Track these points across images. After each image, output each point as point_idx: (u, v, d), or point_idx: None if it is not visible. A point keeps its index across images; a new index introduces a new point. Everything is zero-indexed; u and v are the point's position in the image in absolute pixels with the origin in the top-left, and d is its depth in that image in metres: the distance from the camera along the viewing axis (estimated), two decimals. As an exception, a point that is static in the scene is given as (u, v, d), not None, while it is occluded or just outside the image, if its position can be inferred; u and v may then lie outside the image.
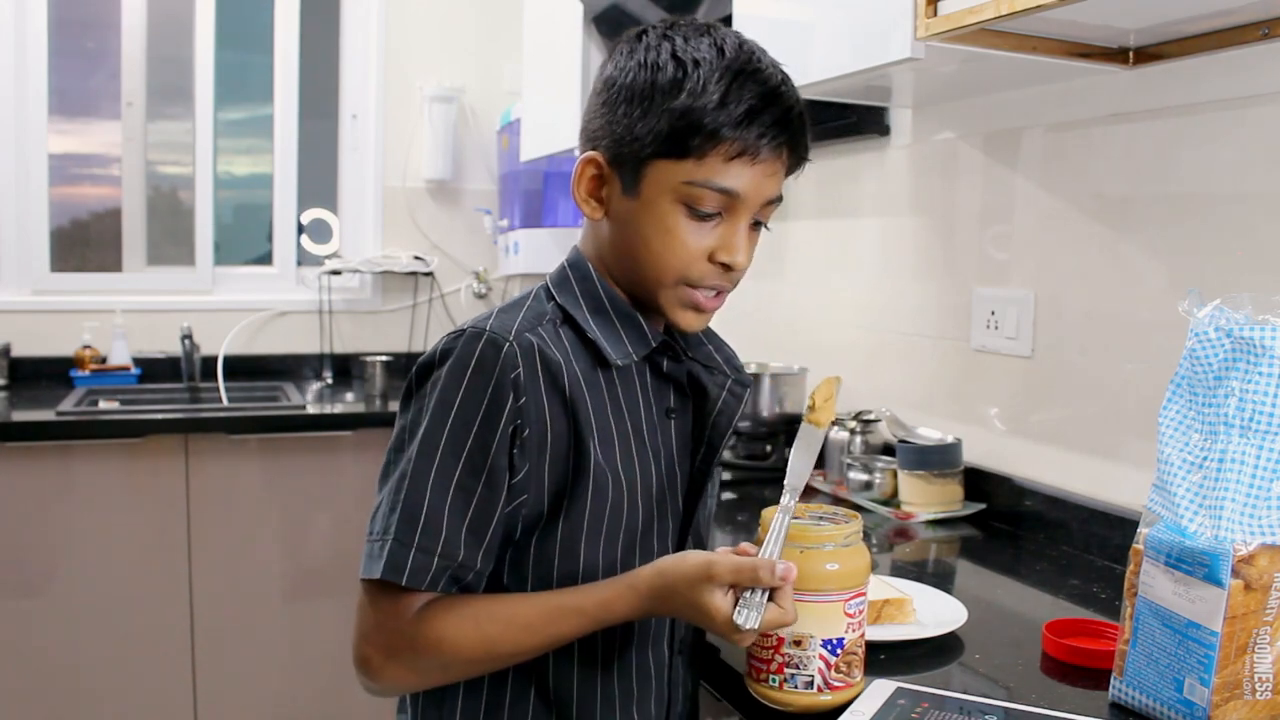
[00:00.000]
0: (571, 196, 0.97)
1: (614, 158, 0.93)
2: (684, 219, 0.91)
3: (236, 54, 3.29)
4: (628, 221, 0.94)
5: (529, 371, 0.88)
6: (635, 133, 0.90)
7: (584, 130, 0.97)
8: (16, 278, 3.02)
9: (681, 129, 0.89)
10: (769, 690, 0.92)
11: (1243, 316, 0.88)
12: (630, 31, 0.96)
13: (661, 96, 0.89)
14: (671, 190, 0.91)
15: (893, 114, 1.98)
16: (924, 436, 1.80)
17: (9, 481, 2.39)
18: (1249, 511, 0.85)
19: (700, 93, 0.88)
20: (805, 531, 0.91)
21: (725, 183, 0.90)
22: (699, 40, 0.91)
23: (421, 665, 0.88)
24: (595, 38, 2.39)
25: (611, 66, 0.95)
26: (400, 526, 0.87)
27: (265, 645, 2.60)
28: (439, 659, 0.87)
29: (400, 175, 3.33)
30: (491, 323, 0.90)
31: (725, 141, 0.89)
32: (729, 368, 1.05)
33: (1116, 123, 1.51)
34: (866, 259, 2.07)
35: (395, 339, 3.35)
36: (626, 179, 0.93)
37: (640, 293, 0.97)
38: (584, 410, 0.91)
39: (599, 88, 0.95)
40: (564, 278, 0.99)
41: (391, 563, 0.86)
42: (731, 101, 0.88)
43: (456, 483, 0.87)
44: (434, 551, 0.86)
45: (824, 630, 0.90)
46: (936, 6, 1.31)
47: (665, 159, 0.90)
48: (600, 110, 0.94)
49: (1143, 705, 0.92)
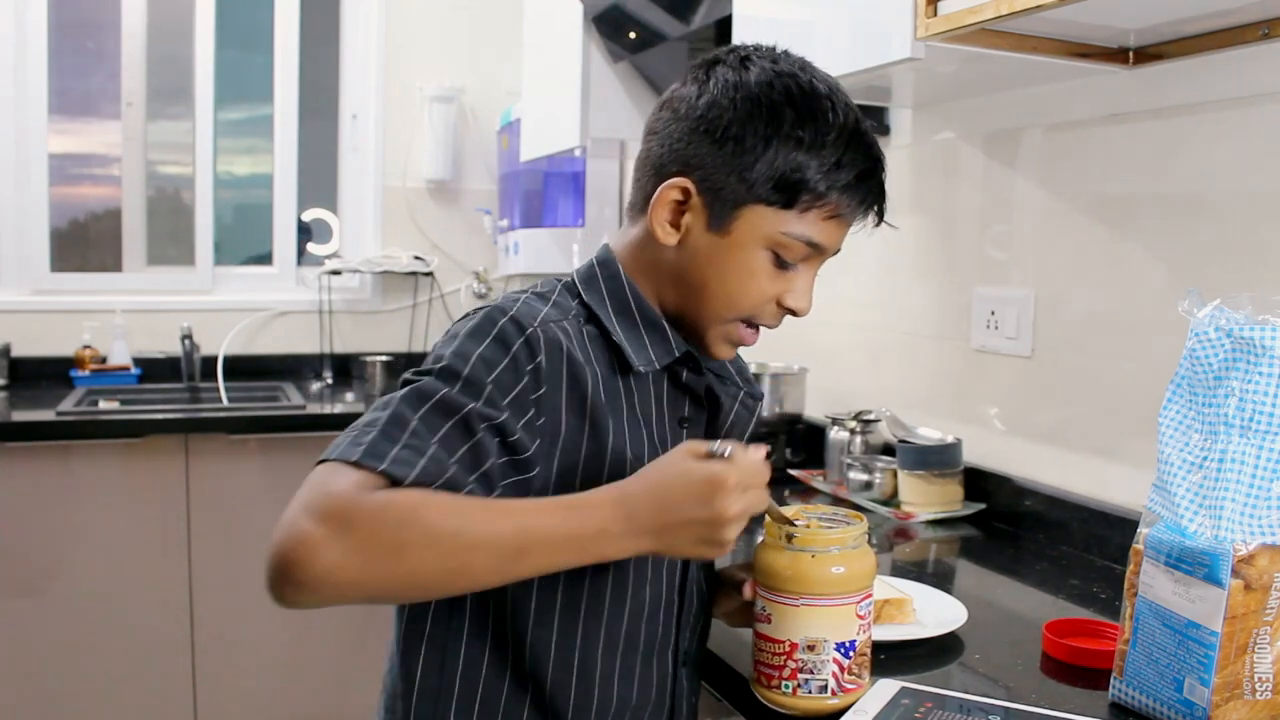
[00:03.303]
0: (645, 213, 0.94)
1: (708, 190, 0.92)
2: (768, 265, 0.92)
3: (236, 54, 3.29)
4: (707, 256, 0.93)
5: (552, 366, 0.87)
6: (742, 175, 0.90)
7: (672, 151, 0.93)
8: (16, 278, 3.02)
9: (794, 182, 0.89)
10: (780, 696, 0.92)
11: (1243, 316, 0.88)
12: (728, 54, 0.94)
13: (777, 145, 0.89)
14: (765, 237, 0.91)
15: (893, 114, 1.98)
16: (924, 436, 1.80)
17: (9, 481, 2.39)
18: (1249, 511, 0.85)
19: (818, 151, 0.89)
20: (816, 535, 0.90)
21: (819, 238, 0.92)
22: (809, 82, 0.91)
23: (374, 545, 0.73)
24: (595, 38, 2.39)
25: (714, 93, 0.92)
26: (387, 424, 0.79)
27: (265, 645, 2.60)
28: (397, 539, 0.73)
29: (400, 175, 3.33)
30: (519, 306, 0.89)
31: (832, 203, 0.90)
32: (741, 379, 1.05)
33: (1116, 123, 1.51)
34: (866, 259, 2.06)
35: (395, 339, 3.35)
36: (717, 215, 0.91)
37: (688, 320, 0.96)
38: (603, 415, 0.90)
39: (697, 113, 0.92)
40: (592, 275, 0.98)
41: (373, 450, 0.77)
42: (845, 166, 0.90)
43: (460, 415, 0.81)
44: (422, 453, 0.78)
45: (838, 634, 0.90)
46: (936, 6, 1.31)
47: (766, 206, 0.90)
48: (697, 138, 0.91)
49: (1143, 705, 0.92)
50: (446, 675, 0.93)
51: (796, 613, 0.90)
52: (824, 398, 2.11)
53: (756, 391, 1.06)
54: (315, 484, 0.76)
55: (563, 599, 0.92)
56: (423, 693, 0.94)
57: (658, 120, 0.96)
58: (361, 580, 0.74)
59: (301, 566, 0.72)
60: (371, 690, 1.03)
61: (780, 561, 0.90)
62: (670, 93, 0.97)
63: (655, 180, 0.94)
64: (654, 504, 0.80)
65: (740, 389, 1.04)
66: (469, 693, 0.93)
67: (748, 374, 1.07)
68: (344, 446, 0.78)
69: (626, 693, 0.96)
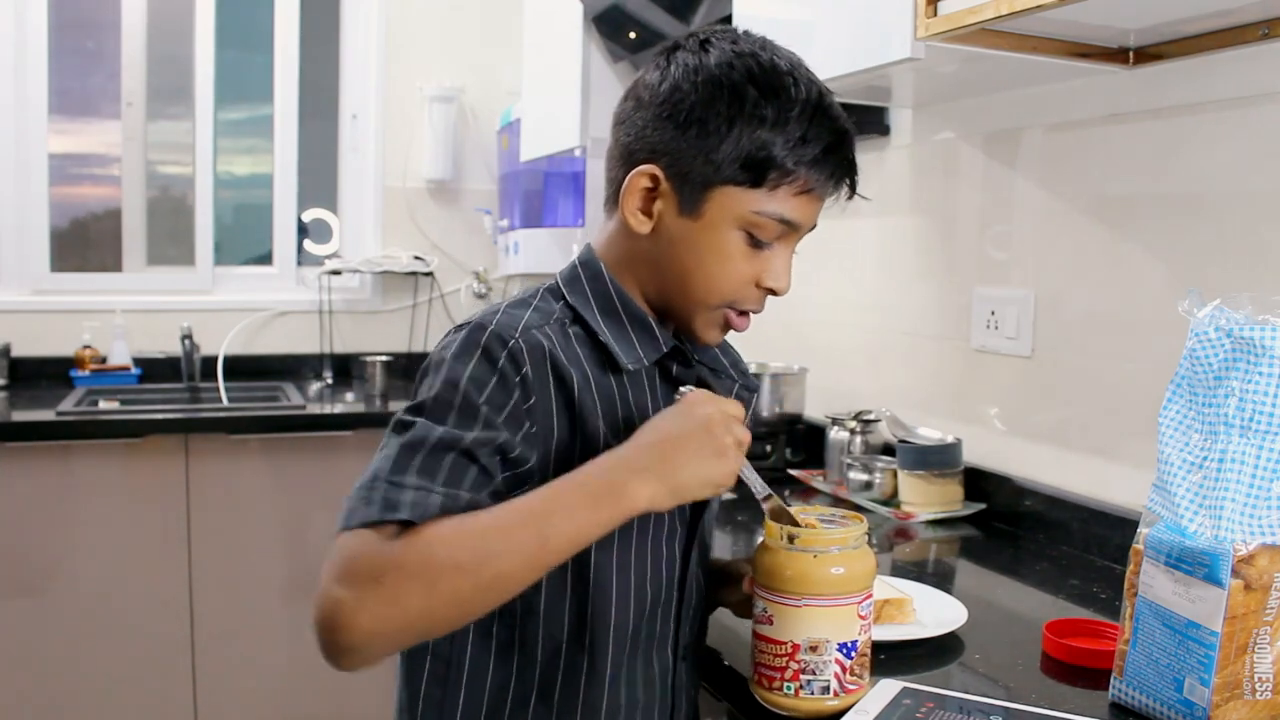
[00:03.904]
0: (618, 205, 0.94)
1: (676, 175, 0.91)
2: (743, 245, 0.92)
3: (236, 54, 3.29)
4: (681, 241, 0.93)
5: (538, 374, 0.87)
6: (709, 157, 0.89)
7: (638, 139, 0.93)
8: (16, 278, 3.02)
9: (760, 160, 0.89)
10: (782, 698, 0.92)
11: (1243, 316, 0.88)
12: (687, 39, 0.94)
13: (741, 125, 0.89)
14: (736, 217, 0.91)
15: (893, 114, 1.98)
16: (924, 436, 1.80)
17: (9, 481, 2.39)
18: (1249, 511, 0.85)
19: (782, 127, 0.89)
20: (818, 536, 0.90)
21: (791, 215, 0.91)
22: (769, 60, 0.91)
23: (405, 590, 0.74)
24: (595, 38, 2.39)
25: (675, 78, 0.92)
26: (391, 475, 0.79)
27: (265, 645, 2.60)
28: (425, 575, 0.75)
29: (400, 175, 3.33)
30: (498, 318, 0.89)
31: (800, 178, 0.90)
32: (735, 371, 1.05)
33: (1116, 123, 1.51)
34: (867, 259, 2.07)
35: (395, 339, 3.35)
36: (687, 199, 0.91)
37: (673, 308, 0.96)
38: (592, 415, 0.90)
39: (660, 99, 0.92)
40: (575, 276, 0.98)
41: (386, 504, 0.77)
42: (811, 140, 0.89)
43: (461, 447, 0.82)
44: (432, 492, 0.79)
45: (840, 634, 0.90)
46: (936, 6, 1.32)
47: (735, 186, 0.90)
48: (661, 124, 0.91)
49: (1143, 705, 0.92)
50: (451, 685, 0.93)
51: (799, 613, 0.90)
52: (824, 398, 2.11)
53: (752, 384, 1.06)
54: (339, 552, 0.76)
55: (571, 600, 0.92)
56: (427, 703, 0.94)
57: (623, 110, 0.96)
58: (406, 624, 0.75)
59: (345, 631, 0.73)
60: (371, 690, 1.04)
61: (782, 562, 0.90)
62: (635, 80, 0.97)
63: (624, 170, 0.94)
64: (651, 449, 0.83)
65: (735, 382, 1.04)
66: (474, 703, 0.93)
67: (743, 366, 1.07)
68: (358, 511, 0.78)
69: (632, 690, 0.96)
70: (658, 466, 0.82)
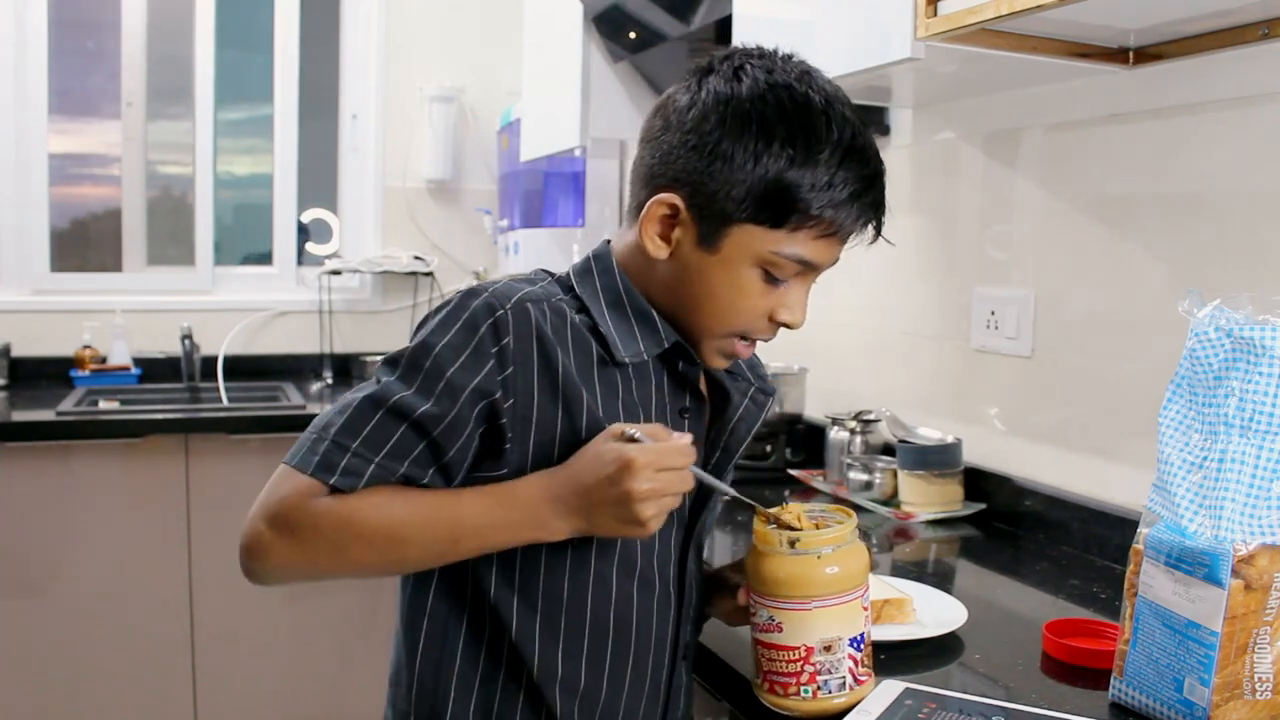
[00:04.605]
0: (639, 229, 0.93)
1: (696, 206, 0.90)
2: (759, 282, 0.91)
3: (236, 54, 3.29)
4: (697, 271, 0.92)
5: (521, 346, 0.87)
6: (730, 193, 0.88)
7: (662, 163, 0.91)
8: (16, 278, 3.02)
9: (783, 201, 0.87)
10: (798, 702, 0.91)
11: (1243, 316, 0.88)
12: (722, 62, 0.92)
13: (767, 163, 0.86)
14: (754, 255, 0.89)
15: (893, 114, 1.98)
16: (924, 436, 1.80)
17: (9, 481, 2.39)
18: (1249, 511, 0.85)
19: (808, 169, 0.87)
20: (818, 538, 0.90)
21: (811, 257, 0.90)
22: (803, 95, 0.88)
23: (316, 547, 0.86)
24: (595, 37, 2.39)
25: (705, 105, 0.89)
26: (342, 431, 0.87)
27: (265, 645, 2.60)
28: (337, 541, 0.85)
29: (400, 175, 3.33)
30: (495, 286, 0.90)
31: (824, 222, 0.88)
32: (753, 375, 1.05)
33: (1116, 123, 1.51)
34: (866, 259, 2.06)
35: (395, 339, 3.34)
36: (706, 232, 0.90)
37: (681, 328, 0.96)
38: (577, 396, 0.89)
39: (687, 126, 0.90)
40: (587, 269, 0.97)
41: (325, 462, 0.86)
42: (838, 184, 0.87)
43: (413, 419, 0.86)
44: (370, 462, 0.86)
45: (849, 629, 0.91)
46: (936, 6, 1.31)
47: (755, 225, 0.88)
48: (687, 153, 0.89)
49: (1143, 705, 0.92)
50: (448, 649, 0.94)
51: (811, 616, 0.89)
52: (824, 398, 2.11)
53: (768, 388, 1.06)
54: (272, 487, 0.88)
55: (544, 586, 0.92)
56: (425, 659, 0.95)
57: (650, 127, 0.95)
58: (312, 574, 0.91)
59: (260, 561, 0.87)
60: (371, 691, 1.04)
61: (785, 568, 0.90)
62: (665, 97, 0.95)
63: (646, 192, 0.93)
64: (575, 486, 0.85)
65: (752, 384, 1.04)
66: (470, 667, 0.94)
67: (761, 369, 1.07)
68: (303, 453, 0.87)
69: (619, 681, 0.95)
70: (581, 513, 0.85)
